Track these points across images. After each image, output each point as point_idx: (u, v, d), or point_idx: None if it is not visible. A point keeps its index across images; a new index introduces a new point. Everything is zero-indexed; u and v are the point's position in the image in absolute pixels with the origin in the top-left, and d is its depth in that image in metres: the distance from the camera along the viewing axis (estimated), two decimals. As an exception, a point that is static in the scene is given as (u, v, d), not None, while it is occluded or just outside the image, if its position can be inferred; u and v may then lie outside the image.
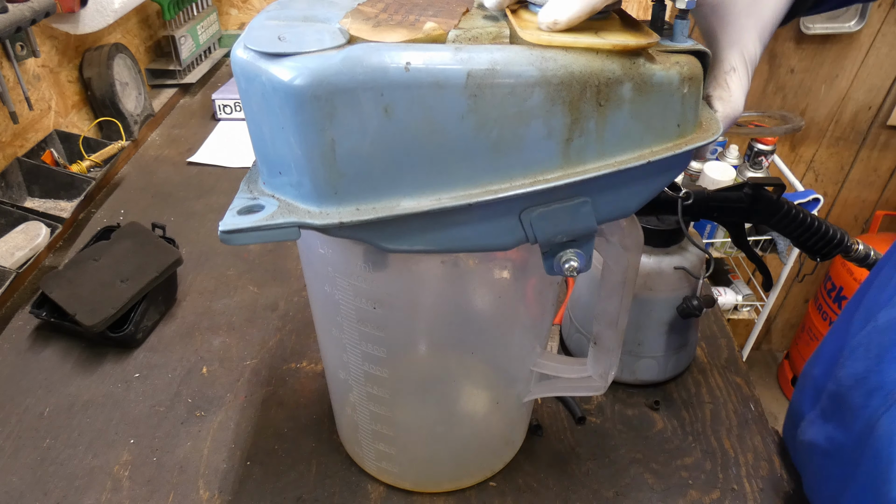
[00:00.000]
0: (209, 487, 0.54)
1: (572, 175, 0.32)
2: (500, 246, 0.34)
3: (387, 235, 0.32)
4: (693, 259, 0.59)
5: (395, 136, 0.30)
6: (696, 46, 0.34)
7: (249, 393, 0.62)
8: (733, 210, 0.57)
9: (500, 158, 0.31)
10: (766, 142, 1.56)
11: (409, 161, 0.31)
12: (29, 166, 0.87)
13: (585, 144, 0.32)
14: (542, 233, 0.33)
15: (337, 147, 0.30)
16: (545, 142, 0.31)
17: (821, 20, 1.61)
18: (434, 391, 0.50)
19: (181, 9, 1.22)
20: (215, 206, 0.92)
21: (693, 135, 0.34)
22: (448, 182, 0.31)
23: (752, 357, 2.09)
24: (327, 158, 0.30)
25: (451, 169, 0.31)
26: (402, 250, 0.33)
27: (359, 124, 0.29)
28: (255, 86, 0.30)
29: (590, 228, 0.34)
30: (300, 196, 0.32)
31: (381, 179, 0.31)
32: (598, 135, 0.32)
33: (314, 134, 0.30)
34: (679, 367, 0.64)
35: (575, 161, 0.32)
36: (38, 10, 0.81)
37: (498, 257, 0.41)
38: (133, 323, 0.66)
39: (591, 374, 0.48)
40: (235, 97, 1.16)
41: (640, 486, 0.54)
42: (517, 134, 0.31)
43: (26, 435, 0.58)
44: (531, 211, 0.33)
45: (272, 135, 0.31)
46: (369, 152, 0.30)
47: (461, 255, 0.39)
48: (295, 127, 0.30)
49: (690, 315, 0.59)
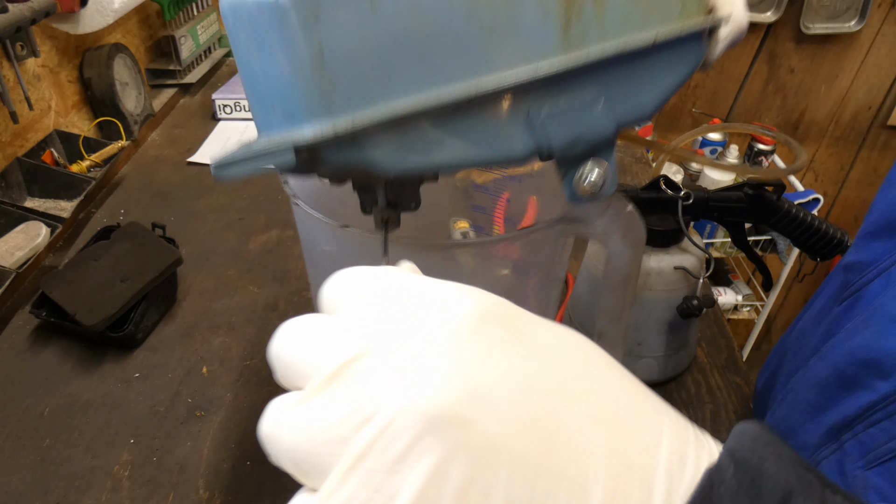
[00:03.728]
0: (209, 487, 0.54)
1: (575, 60, 0.30)
2: (512, 155, 0.31)
3: (384, 151, 0.30)
4: (693, 259, 0.59)
5: (383, 31, 0.28)
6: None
7: (249, 393, 0.62)
8: (733, 210, 0.57)
9: (496, 48, 0.29)
10: (766, 142, 1.56)
11: (400, 58, 0.29)
12: (29, 166, 0.87)
13: (585, 29, 0.30)
14: (556, 136, 0.31)
15: (325, 52, 0.28)
16: (542, 27, 0.30)
17: (821, 20, 1.61)
18: None
19: (181, 9, 1.22)
20: (215, 206, 0.92)
21: (700, 17, 0.33)
22: (444, 78, 0.29)
23: (752, 357, 2.09)
24: (317, 67, 0.29)
25: (446, 64, 0.29)
26: (403, 169, 0.31)
27: (345, 24, 0.28)
28: (242, 14, 0.30)
29: (606, 130, 0.32)
30: (295, 124, 0.30)
31: (374, 83, 0.29)
32: (598, 17, 0.30)
33: (301, 42, 0.28)
34: (679, 367, 0.64)
35: (577, 46, 0.30)
36: (38, 9, 0.81)
37: (498, 255, 0.41)
38: (133, 323, 0.66)
39: None
40: (235, 97, 1.16)
41: (640, 486, 0.54)
42: (512, 17, 0.29)
43: (26, 435, 0.58)
44: (539, 108, 0.31)
45: (262, 64, 0.30)
46: (360, 54, 0.28)
47: (461, 253, 0.39)
48: (281, 40, 0.29)
49: (690, 315, 0.59)
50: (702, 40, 0.33)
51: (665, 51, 0.32)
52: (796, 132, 1.83)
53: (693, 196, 0.56)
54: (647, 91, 0.32)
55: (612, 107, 0.31)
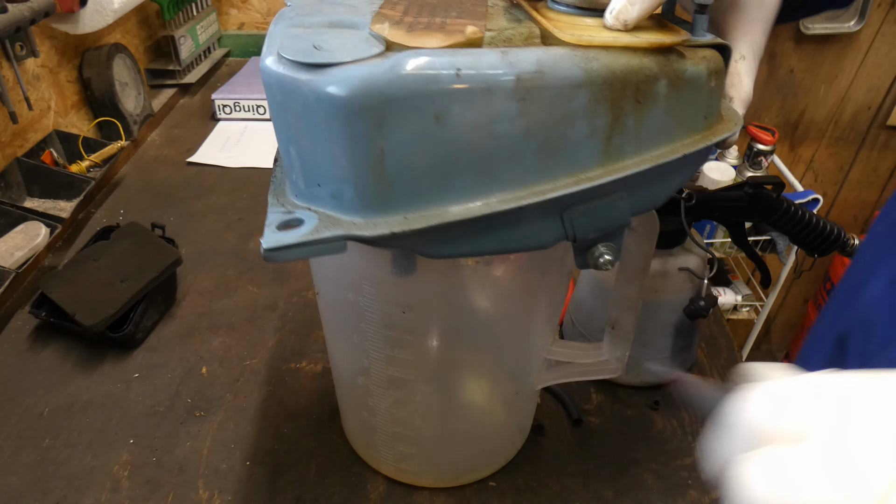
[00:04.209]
0: (209, 487, 0.54)
1: (613, 172, 0.32)
2: (541, 245, 0.34)
3: (433, 242, 0.32)
4: (696, 260, 0.59)
5: (445, 143, 0.30)
6: (717, 40, 0.35)
7: (249, 393, 0.62)
8: (734, 209, 0.57)
9: (545, 160, 0.31)
10: (765, 142, 1.56)
11: (458, 167, 0.30)
12: (28, 166, 0.87)
13: (624, 142, 0.32)
14: (581, 230, 0.34)
15: (387, 157, 0.29)
16: (588, 141, 0.32)
17: (820, 20, 1.60)
18: (457, 389, 0.51)
19: (181, 9, 1.22)
20: (215, 206, 0.92)
21: (718, 126, 0.36)
22: (495, 186, 0.31)
23: (751, 357, 2.09)
24: (376, 169, 0.30)
25: (499, 173, 0.31)
26: (447, 255, 0.33)
27: (409, 133, 0.29)
28: (294, 98, 0.30)
29: (624, 222, 0.35)
30: (341, 207, 0.31)
31: (430, 186, 0.31)
32: (636, 132, 0.32)
33: (363, 145, 0.29)
34: (682, 369, 0.64)
35: (615, 158, 0.33)
36: (37, 10, 0.81)
37: (529, 254, 0.42)
38: (133, 323, 0.66)
39: (607, 357, 0.49)
40: (235, 97, 1.16)
41: (639, 486, 0.54)
42: (563, 134, 0.31)
43: (26, 435, 0.58)
44: (573, 209, 0.33)
45: (312, 147, 0.31)
46: (420, 161, 0.30)
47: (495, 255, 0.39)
48: (342, 139, 0.29)
49: (698, 315, 0.59)
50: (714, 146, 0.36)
51: (688, 158, 0.34)
52: (796, 132, 1.83)
53: (695, 196, 0.56)
54: (663, 188, 0.36)
55: (632, 202, 0.34)
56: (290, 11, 0.35)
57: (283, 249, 0.30)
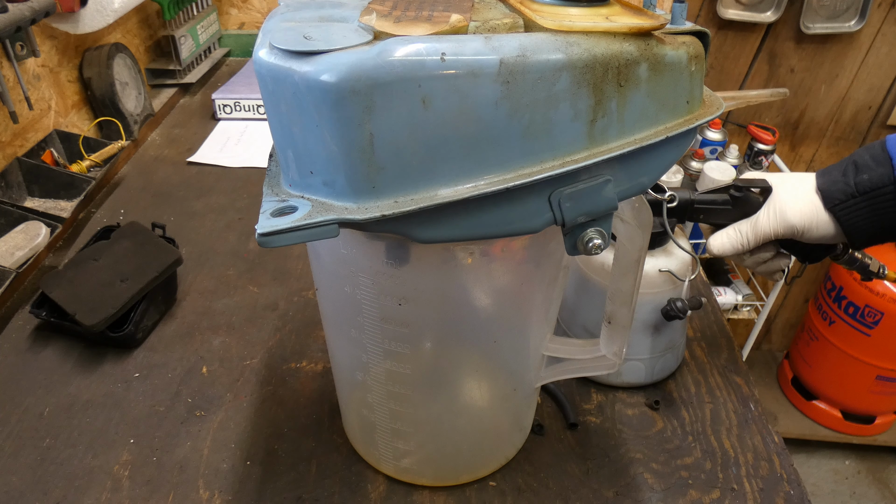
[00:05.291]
0: (209, 487, 0.54)
1: (598, 154, 0.34)
2: (531, 229, 0.35)
3: (423, 225, 0.33)
4: (679, 261, 0.59)
5: (432, 126, 0.31)
6: (696, 27, 0.36)
7: (249, 393, 0.62)
8: (719, 212, 0.57)
9: (531, 142, 0.32)
10: (766, 141, 1.56)
11: (445, 150, 0.31)
12: (29, 166, 0.87)
13: (608, 125, 0.33)
14: (569, 213, 0.35)
15: (375, 141, 0.30)
16: (572, 124, 0.33)
17: (821, 20, 1.60)
18: (455, 384, 0.51)
19: (181, 8, 1.22)
20: (215, 206, 0.92)
21: (700, 110, 0.37)
22: (482, 169, 0.32)
23: (752, 357, 2.09)
24: (366, 153, 0.31)
25: (486, 155, 0.32)
26: (436, 240, 0.34)
27: (397, 117, 0.30)
28: (286, 86, 0.30)
29: (612, 206, 0.35)
30: (334, 194, 0.32)
31: (419, 170, 0.32)
32: (619, 115, 0.34)
33: (352, 129, 0.30)
34: (667, 370, 0.64)
35: (599, 141, 0.34)
36: (37, 9, 0.81)
37: (523, 245, 0.42)
38: (133, 323, 0.66)
39: (604, 352, 0.49)
40: (235, 97, 1.16)
41: (640, 486, 0.54)
42: (547, 117, 0.32)
43: (26, 435, 0.58)
44: (560, 192, 0.34)
45: (304, 134, 0.32)
46: (407, 144, 0.31)
47: (487, 244, 0.39)
48: (332, 124, 0.30)
49: (674, 317, 0.58)
50: (697, 129, 0.37)
51: (672, 141, 0.36)
52: (796, 132, 1.83)
53: (677, 198, 0.55)
54: (649, 172, 0.37)
55: (618, 186, 0.35)
56: (283, 9, 0.36)
57: (277, 234, 0.30)
